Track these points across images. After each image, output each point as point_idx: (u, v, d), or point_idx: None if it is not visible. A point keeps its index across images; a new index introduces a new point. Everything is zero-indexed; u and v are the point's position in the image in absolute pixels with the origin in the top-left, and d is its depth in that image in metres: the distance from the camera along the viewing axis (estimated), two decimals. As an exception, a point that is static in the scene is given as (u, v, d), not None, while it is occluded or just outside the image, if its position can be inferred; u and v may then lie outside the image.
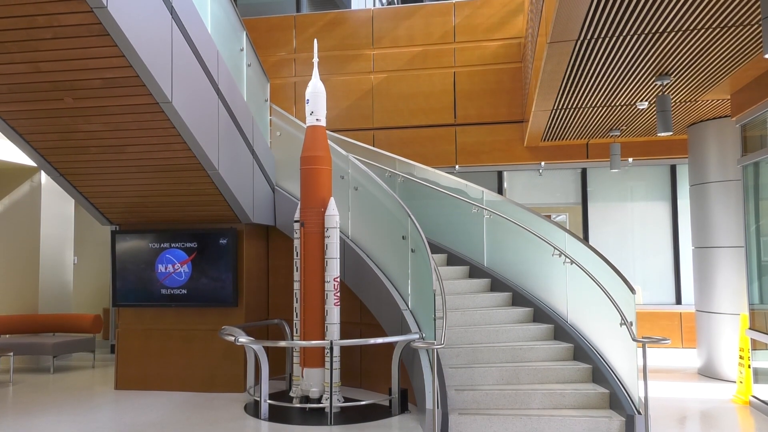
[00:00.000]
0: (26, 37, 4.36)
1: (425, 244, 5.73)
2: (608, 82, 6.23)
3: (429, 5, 10.34)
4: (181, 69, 5.28)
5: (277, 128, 8.15)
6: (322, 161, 6.40)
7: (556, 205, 10.35)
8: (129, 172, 6.24)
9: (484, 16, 10.05)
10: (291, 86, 10.56)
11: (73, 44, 4.45)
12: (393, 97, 10.23)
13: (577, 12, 4.51)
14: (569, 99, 6.88)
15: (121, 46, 4.44)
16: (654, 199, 10.12)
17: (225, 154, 6.26)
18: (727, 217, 7.61)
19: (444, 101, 10.11)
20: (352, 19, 10.48)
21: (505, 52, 9.97)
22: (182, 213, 7.08)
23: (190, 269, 7.06)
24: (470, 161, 10.00)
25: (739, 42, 5.12)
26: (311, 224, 6.31)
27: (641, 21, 4.68)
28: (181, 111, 5.25)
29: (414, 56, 10.22)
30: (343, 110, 10.29)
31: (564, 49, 5.26)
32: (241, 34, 7.26)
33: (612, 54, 5.40)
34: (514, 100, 9.92)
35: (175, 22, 5.23)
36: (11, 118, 5.43)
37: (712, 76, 6.06)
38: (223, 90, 6.30)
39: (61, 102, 5.09)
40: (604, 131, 8.76)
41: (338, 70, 10.35)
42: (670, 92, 6.59)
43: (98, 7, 4.08)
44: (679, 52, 5.37)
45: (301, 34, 10.55)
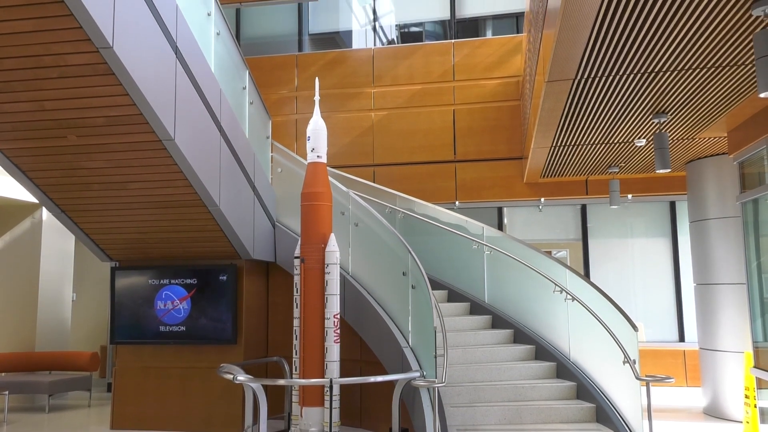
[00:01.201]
0: (32, 77, 4.44)
1: (426, 281, 5.71)
2: (606, 119, 6.30)
3: (428, 45, 10.54)
4: (183, 107, 5.35)
5: (279, 165, 8.21)
6: (323, 197, 6.42)
7: (557, 241, 10.34)
8: (130, 208, 6.26)
9: (483, 55, 10.22)
10: (292, 123, 10.68)
11: (78, 83, 4.52)
12: (393, 134, 10.33)
13: (574, 52, 4.59)
14: (568, 136, 6.95)
15: (125, 84, 4.51)
16: (654, 235, 10.12)
17: (226, 191, 6.29)
18: (728, 254, 7.60)
19: (444, 138, 10.20)
20: (352, 58, 10.66)
21: (504, 90, 10.11)
22: (182, 249, 7.07)
23: (189, 306, 7.01)
24: (470, 197, 10.04)
25: (734, 81, 5.20)
26: (311, 260, 6.29)
27: (637, 61, 4.76)
28: (183, 148, 5.29)
29: (414, 94, 10.36)
30: (343, 147, 10.38)
31: (562, 87, 5.33)
32: (243, 73, 7.37)
33: (609, 92, 5.48)
34: (513, 137, 10.01)
35: (179, 62, 5.32)
36: (14, 156, 5.48)
37: (709, 114, 6.13)
38: (225, 127, 6.37)
39: (65, 139, 5.15)
40: (603, 168, 8.82)
41: (339, 107, 10.48)
42: (667, 130, 6.66)
43: (104, 47, 4.16)
44: (675, 91, 5.45)
45: (302, 73, 10.72)
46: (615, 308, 5.65)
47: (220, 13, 6.53)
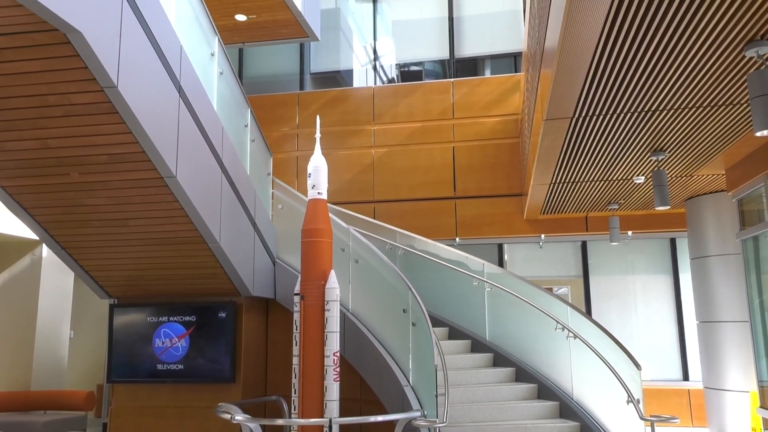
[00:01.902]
0: (37, 116, 4.50)
1: (426, 318, 5.67)
2: (604, 157, 6.35)
3: (428, 83, 10.70)
4: (186, 144, 5.40)
5: (279, 201, 8.24)
6: (323, 234, 6.43)
7: (557, 277, 10.30)
8: (130, 245, 6.26)
9: (482, 93, 10.37)
10: (293, 160, 10.76)
11: (82, 122, 4.58)
12: (393, 171, 10.40)
13: (571, 92, 4.66)
14: (567, 173, 7.00)
15: (128, 123, 4.56)
16: (655, 272, 10.08)
17: (227, 227, 6.30)
18: (730, 291, 7.56)
19: (444, 175, 10.26)
20: (353, 96, 10.81)
21: (503, 127, 10.22)
22: (182, 286, 7.04)
23: (187, 344, 6.95)
24: (470, 234, 10.04)
25: (730, 120, 5.26)
26: (311, 297, 6.26)
27: (634, 100, 4.83)
28: (184, 185, 5.33)
29: (414, 131, 10.47)
30: (344, 183, 10.43)
31: (560, 126, 5.39)
32: (245, 111, 7.47)
33: (607, 131, 5.54)
34: (512, 174, 10.07)
35: (182, 100, 5.40)
36: (17, 193, 5.50)
37: (706, 152, 6.19)
38: (226, 164, 6.42)
39: (67, 177, 5.18)
40: (602, 205, 8.85)
41: (340, 144, 10.58)
42: (665, 167, 6.70)
43: (109, 86, 4.23)
44: (673, 130, 5.51)
45: (304, 111, 10.85)
46: (618, 346, 5.60)
47: (223, 53, 6.65)
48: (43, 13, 3.52)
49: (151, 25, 4.81)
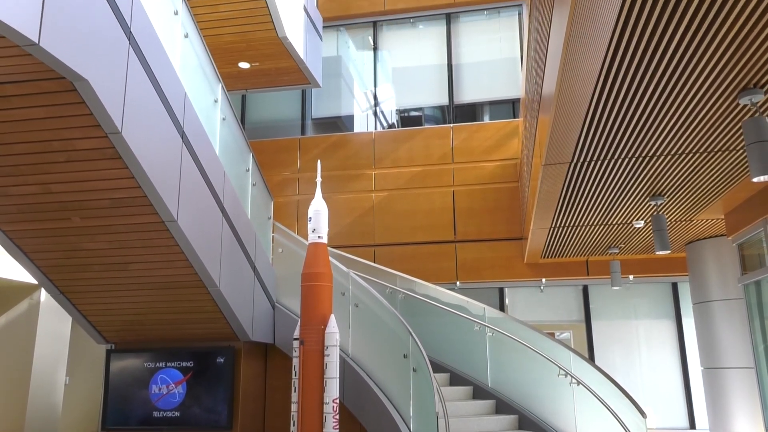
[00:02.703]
0: (41, 161, 4.54)
1: (427, 363, 5.60)
2: (604, 202, 6.39)
3: (428, 129, 10.84)
4: (188, 189, 5.44)
5: (279, 245, 8.24)
6: (323, 278, 6.40)
7: (559, 322, 10.21)
8: (129, 289, 6.23)
9: (481, 138, 10.50)
10: (294, 204, 10.81)
11: (85, 167, 4.62)
12: (394, 215, 10.43)
13: (569, 137, 4.72)
14: (566, 217, 7.02)
15: (131, 168, 4.61)
16: (658, 317, 9.99)
17: (226, 271, 6.28)
18: (734, 337, 7.48)
19: (444, 219, 10.29)
20: (354, 141, 10.94)
21: (502, 172, 10.30)
22: (180, 331, 6.97)
23: (184, 390, 6.83)
24: (471, 277, 10.00)
25: (727, 166, 5.31)
26: (311, 342, 6.19)
27: (631, 146, 4.89)
28: (185, 229, 5.34)
29: (414, 176, 10.55)
30: (344, 227, 10.45)
31: (558, 171, 5.44)
32: (247, 156, 7.54)
33: (605, 176, 5.58)
34: (512, 218, 10.10)
35: (185, 146, 5.46)
36: (17, 237, 5.51)
37: (705, 197, 6.22)
38: (227, 208, 6.45)
39: (68, 221, 5.20)
40: (603, 249, 8.84)
41: (340, 188, 10.65)
42: (664, 212, 6.73)
43: (113, 132, 4.29)
44: (670, 175, 5.55)
45: (305, 155, 10.96)
46: (622, 393, 5.51)
47: (226, 99, 6.77)
48: (52, 62, 3.60)
49: (156, 72, 4.91)
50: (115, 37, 4.29)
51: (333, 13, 11.40)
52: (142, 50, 4.68)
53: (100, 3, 4.11)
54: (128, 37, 4.46)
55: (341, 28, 11.78)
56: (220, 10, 8.22)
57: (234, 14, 8.30)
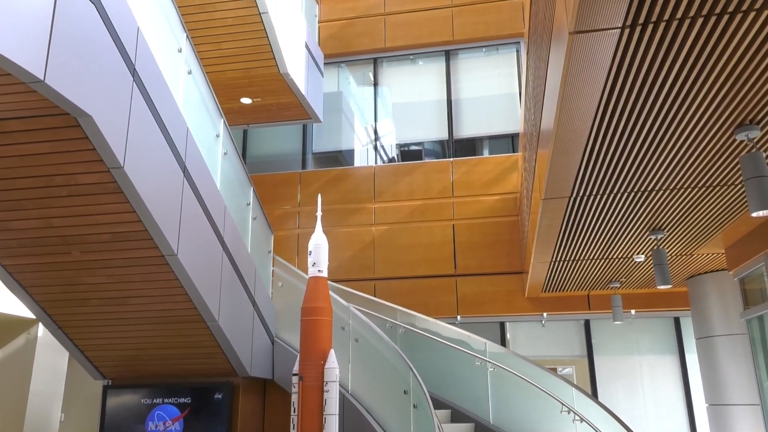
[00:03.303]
0: (43, 195, 4.57)
1: (428, 400, 5.52)
2: (604, 236, 6.39)
3: (428, 163, 10.91)
4: (188, 223, 5.45)
5: (279, 279, 8.21)
6: (323, 312, 6.36)
7: (561, 357, 10.09)
8: (128, 324, 6.19)
9: (480, 173, 10.56)
10: (294, 238, 10.81)
11: (87, 201, 4.64)
12: (394, 248, 10.42)
13: (568, 172, 4.75)
14: (567, 252, 7.01)
15: (132, 202, 4.63)
16: (661, 352, 9.89)
17: (226, 306, 6.25)
18: (738, 373, 7.39)
19: (444, 252, 10.28)
20: (354, 175, 11.00)
21: (502, 206, 10.33)
22: (178, 366, 6.90)
23: (181, 427, 6.72)
24: (472, 312, 9.93)
25: (726, 200, 5.33)
26: (310, 377, 6.11)
27: (630, 180, 4.91)
28: (185, 263, 5.33)
29: (414, 209, 10.58)
30: (345, 261, 10.43)
31: (558, 205, 5.46)
32: (248, 190, 7.58)
33: (605, 210, 5.60)
34: (513, 252, 10.08)
35: (187, 180, 5.50)
36: (17, 271, 5.50)
37: (705, 231, 6.23)
38: (227, 242, 6.45)
39: (69, 255, 5.20)
40: (604, 283, 8.81)
41: (341, 222, 10.66)
42: (665, 246, 6.73)
43: (115, 167, 4.32)
44: (670, 209, 5.57)
45: (305, 189, 11.01)
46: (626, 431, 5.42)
47: (228, 134, 6.84)
48: (56, 98, 3.66)
49: (160, 108, 4.97)
50: (120, 74, 4.36)
51: (334, 50, 11.59)
52: (146, 87, 4.75)
53: (106, 41, 4.19)
54: (132, 74, 4.54)
55: (342, 65, 11.97)
56: (224, 47, 8.37)
57: (237, 51, 8.44)
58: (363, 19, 11.62)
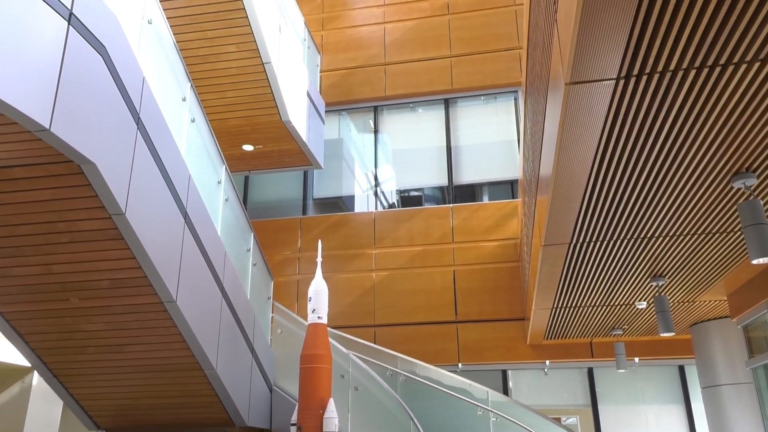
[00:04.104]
0: (44, 242, 4.57)
1: (429, 452, 5.39)
2: (605, 282, 6.36)
3: (428, 209, 10.96)
4: (188, 269, 5.44)
5: (279, 325, 8.13)
6: (323, 359, 6.28)
7: (565, 406, 9.89)
8: (124, 372, 6.10)
9: (480, 218, 10.59)
10: (294, 283, 10.76)
11: (87, 247, 4.64)
12: (394, 294, 10.36)
13: (567, 219, 4.77)
14: (568, 298, 6.97)
15: (133, 249, 4.63)
16: (666, 401, 9.70)
17: (224, 354, 6.17)
18: (746, 423, 7.23)
19: (445, 298, 10.21)
20: (355, 221, 11.04)
21: (502, 252, 10.32)
22: (174, 416, 6.76)
23: (175, 479, 6.54)
24: (473, 359, 9.80)
25: (726, 247, 5.33)
26: (309, 428, 5.98)
27: (629, 227, 4.93)
28: (184, 310, 5.29)
29: (414, 255, 10.56)
30: (345, 307, 10.35)
31: (558, 251, 5.46)
32: (249, 235, 7.59)
33: (606, 256, 5.60)
34: (514, 298, 10.02)
35: (187, 226, 5.51)
36: (14, 319, 5.45)
37: (706, 278, 6.20)
38: (227, 289, 6.42)
39: (67, 302, 5.17)
40: (606, 330, 8.71)
41: (341, 268, 10.63)
42: (666, 293, 6.69)
43: (117, 213, 4.34)
44: (670, 256, 5.56)
45: (306, 235, 11.03)
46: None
47: (229, 180, 6.89)
48: (61, 146, 3.71)
49: (162, 155, 5.03)
50: (124, 122, 4.43)
51: (335, 98, 11.80)
52: (150, 134, 4.82)
53: (112, 90, 4.28)
54: (136, 122, 4.61)
55: (343, 112, 12.16)
56: (227, 95, 8.53)
57: (240, 100, 8.60)
58: (364, 69, 11.87)
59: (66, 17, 3.78)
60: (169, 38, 5.68)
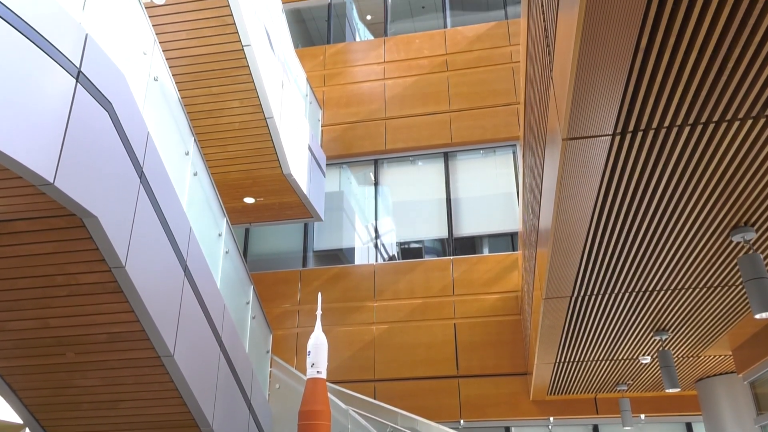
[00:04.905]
0: (42, 295, 4.55)
1: None
2: (607, 336, 6.29)
3: (428, 261, 10.94)
4: (186, 323, 5.39)
5: (277, 380, 7.98)
6: (321, 416, 6.13)
7: (571, 465, 9.61)
8: (118, 430, 5.95)
9: (481, 271, 10.55)
10: (293, 337, 10.63)
11: (86, 301, 4.61)
12: (394, 348, 10.22)
13: (568, 272, 4.76)
14: (571, 352, 6.87)
15: (132, 302, 4.60)
16: (675, 459, 9.43)
17: (221, 410, 6.04)
18: (758, 483, 7.01)
19: (445, 352, 10.06)
20: (355, 273, 11.00)
21: (503, 304, 10.24)
22: (168, 475, 6.56)
23: None
24: (475, 415, 9.57)
25: (729, 301, 5.29)
26: (306, 489, 5.79)
27: (630, 280, 4.91)
28: (181, 365, 5.21)
29: (415, 308, 10.48)
30: (344, 361, 10.19)
31: (560, 305, 5.42)
32: (248, 288, 7.55)
33: (607, 310, 5.55)
34: (516, 352, 9.87)
35: (187, 279, 5.49)
36: (8, 374, 5.36)
37: (710, 332, 6.13)
38: (225, 343, 6.34)
39: (63, 357, 5.09)
40: (611, 385, 8.55)
41: (340, 321, 10.53)
42: (670, 347, 6.60)
43: (117, 267, 4.33)
44: (673, 310, 5.52)
45: (306, 287, 10.97)
46: None
47: (230, 233, 6.91)
48: (64, 200, 3.74)
49: (164, 208, 5.06)
50: (127, 176, 4.48)
51: (336, 152, 11.96)
52: (152, 188, 4.86)
53: (116, 145, 4.35)
54: (139, 176, 4.66)
55: (344, 165, 12.30)
56: (229, 149, 8.66)
57: (242, 153, 8.72)
58: (364, 123, 12.08)
59: (75, 75, 3.88)
60: (174, 94, 5.81)
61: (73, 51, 3.89)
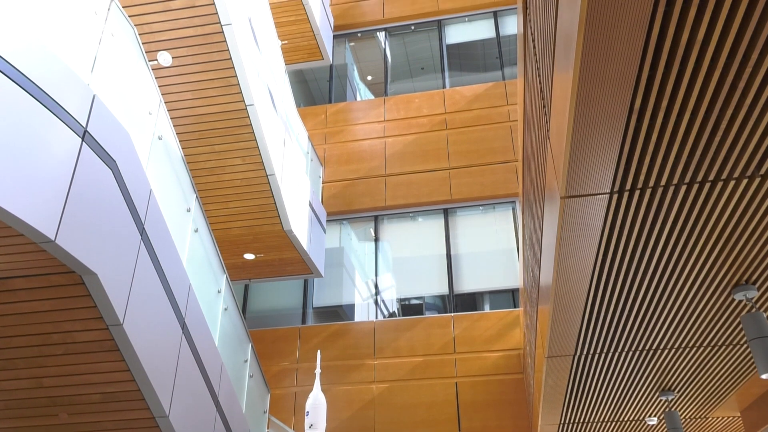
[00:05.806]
0: (37, 354, 4.49)
1: None
2: (612, 396, 6.16)
3: (429, 318, 10.82)
4: (183, 383, 5.29)
5: (274, 442, 7.77)
6: (319, 482, 5.94)
7: None
8: (109, 494, 5.75)
9: (482, 328, 10.43)
10: (291, 396, 10.40)
11: (81, 359, 4.55)
12: (395, 408, 9.98)
13: (570, 330, 4.70)
14: (576, 413, 6.71)
15: (128, 361, 4.53)
16: None
17: (215, 474, 5.85)
18: None
19: (447, 412, 9.82)
20: (354, 330, 10.86)
21: (506, 363, 10.07)
22: None
23: None
24: (479, 480, 9.25)
25: (733, 360, 5.21)
26: None
27: (633, 339, 4.85)
28: (176, 426, 5.08)
29: (415, 366, 10.30)
30: (343, 421, 9.94)
31: (563, 363, 5.33)
32: (246, 346, 7.45)
33: (611, 369, 5.46)
34: (519, 412, 9.64)
35: (185, 337, 5.43)
36: (-1, 434, 5.24)
37: (716, 392, 6.01)
38: (222, 402, 6.20)
39: (56, 418, 4.98)
40: (617, 447, 8.31)
41: (339, 379, 10.33)
42: (677, 408, 6.45)
43: (114, 324, 4.29)
44: (678, 369, 5.43)
45: (305, 345, 10.81)
46: None
47: (229, 289, 6.88)
48: (65, 258, 3.74)
49: (164, 265, 5.06)
50: (128, 233, 4.50)
51: (337, 208, 12.04)
52: (153, 245, 4.87)
53: (118, 203, 4.39)
54: (140, 233, 4.68)
55: (344, 222, 12.36)
56: (230, 206, 8.72)
57: (243, 210, 8.78)
58: (365, 180, 12.21)
59: (80, 134, 3.95)
60: (177, 152, 5.90)
61: (80, 111, 3.98)
